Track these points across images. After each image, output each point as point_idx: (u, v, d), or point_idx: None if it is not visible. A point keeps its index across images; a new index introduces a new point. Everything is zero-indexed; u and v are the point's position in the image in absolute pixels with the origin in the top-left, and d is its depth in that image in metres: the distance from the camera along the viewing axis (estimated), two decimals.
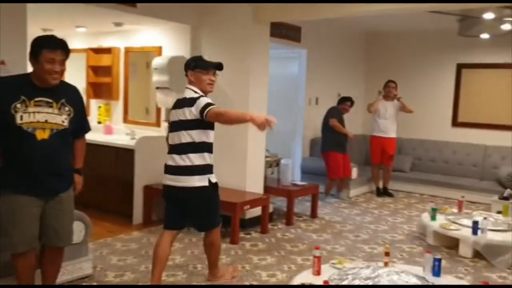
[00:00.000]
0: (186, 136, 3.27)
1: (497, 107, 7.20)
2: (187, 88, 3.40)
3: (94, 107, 6.55)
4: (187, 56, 5.50)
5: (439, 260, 3.37)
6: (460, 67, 7.52)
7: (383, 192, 7.05)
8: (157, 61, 5.53)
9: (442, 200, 6.81)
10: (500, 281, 3.90)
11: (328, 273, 3.29)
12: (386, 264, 3.48)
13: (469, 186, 6.83)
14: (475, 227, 4.42)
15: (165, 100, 5.65)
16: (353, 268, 3.30)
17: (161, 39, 5.78)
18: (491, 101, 7.27)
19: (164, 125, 5.70)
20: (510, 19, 5.54)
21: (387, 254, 3.51)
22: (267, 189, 5.47)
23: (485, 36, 6.66)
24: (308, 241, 4.81)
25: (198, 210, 3.41)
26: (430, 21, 6.85)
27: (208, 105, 3.20)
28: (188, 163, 3.27)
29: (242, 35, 5.13)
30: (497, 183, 6.76)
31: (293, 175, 6.45)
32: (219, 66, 3.43)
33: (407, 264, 4.16)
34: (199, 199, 3.36)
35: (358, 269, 3.26)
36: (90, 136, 5.74)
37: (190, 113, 3.24)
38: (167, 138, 3.49)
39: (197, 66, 3.36)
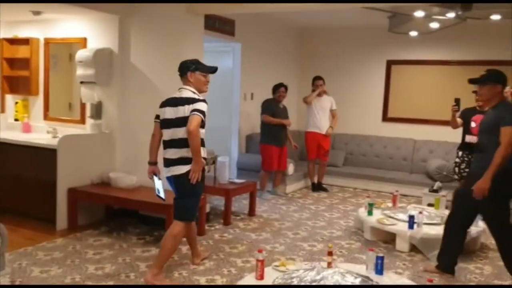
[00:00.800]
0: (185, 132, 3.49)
1: (425, 102, 7.45)
2: (184, 88, 3.64)
3: (11, 103, 5.97)
4: (115, 48, 5.16)
5: (382, 258, 3.34)
6: (389, 63, 7.71)
7: (318, 187, 7.07)
8: (81, 54, 5.12)
9: (375, 194, 6.94)
10: (436, 275, 3.95)
11: (271, 276, 3.16)
12: (329, 264, 3.40)
13: (400, 180, 7.01)
14: (411, 222, 4.48)
15: (91, 95, 5.26)
16: (297, 271, 3.19)
17: (85, 30, 5.35)
18: (420, 97, 7.51)
19: (90, 121, 5.32)
20: (439, 17, 5.69)
21: (330, 253, 3.43)
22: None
23: (414, 33, 6.85)
24: (247, 242, 4.66)
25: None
26: (361, 17, 6.95)
27: (200, 112, 3.46)
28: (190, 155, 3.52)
29: (175, 27, 4.87)
30: (426, 176, 7.00)
31: (229, 172, 6.27)
32: (215, 70, 3.80)
33: (347, 261, 4.16)
34: None
35: (302, 271, 3.15)
36: (6, 135, 5.28)
37: (189, 111, 3.49)
38: (154, 134, 3.76)
39: (197, 69, 3.65)
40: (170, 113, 3.56)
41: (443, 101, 7.02)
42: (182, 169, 3.53)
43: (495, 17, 5.48)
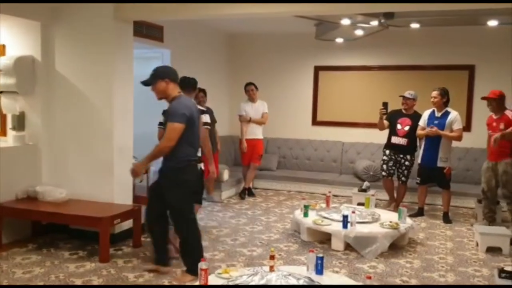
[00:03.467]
0: None
1: (351, 106, 7.76)
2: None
3: None
4: (37, 56, 4.90)
5: (322, 259, 3.43)
6: (317, 69, 7.95)
7: (248, 193, 7.09)
8: (0, 62, 4.81)
9: (308, 195, 7.13)
10: (371, 271, 4.13)
11: (215, 284, 3.13)
12: (271, 268, 3.43)
13: (331, 181, 7.25)
14: (345, 221, 4.64)
15: (12, 106, 4.95)
16: (240, 277, 3.19)
17: (4, 36, 5.03)
18: (346, 101, 7.81)
19: (12, 133, 5.01)
20: (363, 25, 5.97)
21: (272, 257, 3.46)
22: (137, 198, 5.11)
23: (339, 40, 7.13)
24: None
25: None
26: (290, 25, 7.13)
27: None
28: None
29: (102, 34, 4.71)
30: (354, 176, 7.29)
31: None
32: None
33: (287, 263, 4.23)
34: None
35: (246, 276, 3.16)
36: None
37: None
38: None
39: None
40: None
41: (368, 104, 7.39)
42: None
43: (415, 25, 5.85)
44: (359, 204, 6.16)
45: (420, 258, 4.51)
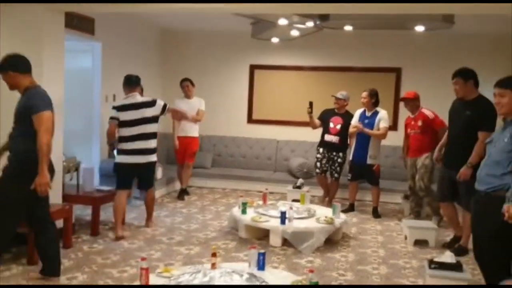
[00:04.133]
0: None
1: (286, 105, 7.87)
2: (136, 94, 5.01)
3: None
4: None
5: (263, 254, 3.45)
6: (253, 67, 7.98)
7: (184, 193, 6.91)
8: None
9: (243, 193, 7.13)
10: (309, 265, 4.21)
11: (156, 284, 3.04)
12: (213, 265, 3.40)
13: (266, 178, 7.31)
14: (283, 217, 4.70)
15: None
16: (183, 275, 3.13)
17: None
18: (281, 100, 7.92)
19: None
20: (299, 25, 6.08)
21: (214, 255, 3.43)
22: (66, 197, 4.86)
23: (275, 40, 7.21)
24: (121, 251, 4.43)
25: (150, 175, 5.20)
26: (226, 22, 7.10)
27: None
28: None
29: (32, 26, 4.42)
30: (289, 173, 7.41)
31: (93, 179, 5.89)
32: None
33: (226, 261, 4.19)
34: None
35: (188, 275, 3.10)
36: None
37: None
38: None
39: None
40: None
41: (302, 103, 7.50)
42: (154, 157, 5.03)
43: (348, 27, 6.04)
44: (294, 200, 6.28)
45: (354, 252, 4.67)
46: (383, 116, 6.01)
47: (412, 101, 5.71)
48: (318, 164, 6.41)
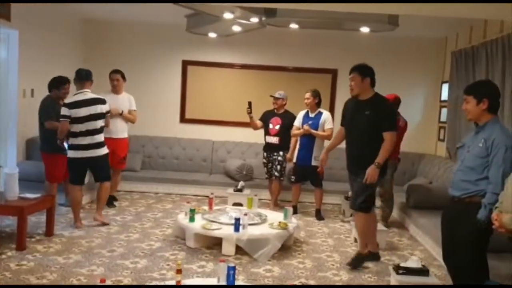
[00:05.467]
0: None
1: (222, 104, 7.57)
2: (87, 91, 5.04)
3: None
4: None
5: (234, 268, 3.16)
6: (185, 63, 7.58)
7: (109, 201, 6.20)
8: None
9: (178, 197, 6.76)
10: (268, 275, 3.98)
11: None
12: (178, 282, 3.05)
13: (202, 181, 6.97)
14: (237, 224, 4.42)
15: None
16: None
17: None
18: (217, 99, 7.59)
19: None
20: (242, 21, 5.82)
21: (179, 271, 3.07)
22: None
23: (212, 35, 6.89)
24: (57, 268, 3.88)
25: (105, 167, 5.25)
26: (157, 14, 6.66)
27: None
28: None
29: None
30: (226, 175, 7.12)
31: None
32: None
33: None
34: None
35: None
36: None
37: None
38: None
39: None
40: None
41: (239, 103, 7.29)
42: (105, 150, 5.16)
43: (294, 26, 5.89)
44: (235, 204, 6.04)
45: (310, 258, 4.52)
46: (327, 117, 5.96)
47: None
48: (265, 169, 6.27)
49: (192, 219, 4.66)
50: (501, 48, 4.99)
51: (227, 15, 5.46)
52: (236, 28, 6.19)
